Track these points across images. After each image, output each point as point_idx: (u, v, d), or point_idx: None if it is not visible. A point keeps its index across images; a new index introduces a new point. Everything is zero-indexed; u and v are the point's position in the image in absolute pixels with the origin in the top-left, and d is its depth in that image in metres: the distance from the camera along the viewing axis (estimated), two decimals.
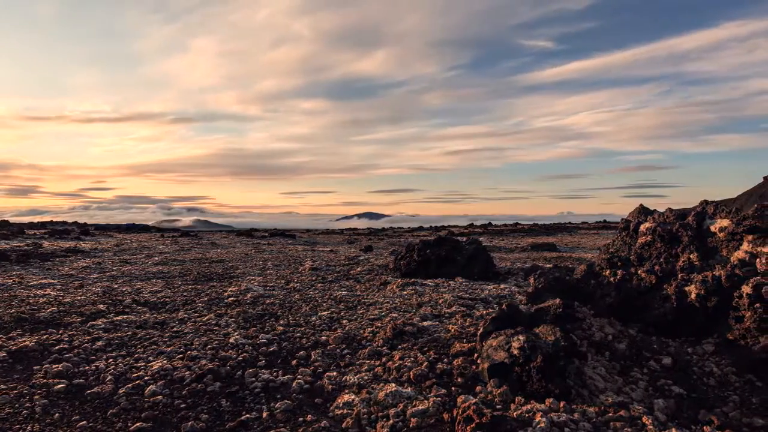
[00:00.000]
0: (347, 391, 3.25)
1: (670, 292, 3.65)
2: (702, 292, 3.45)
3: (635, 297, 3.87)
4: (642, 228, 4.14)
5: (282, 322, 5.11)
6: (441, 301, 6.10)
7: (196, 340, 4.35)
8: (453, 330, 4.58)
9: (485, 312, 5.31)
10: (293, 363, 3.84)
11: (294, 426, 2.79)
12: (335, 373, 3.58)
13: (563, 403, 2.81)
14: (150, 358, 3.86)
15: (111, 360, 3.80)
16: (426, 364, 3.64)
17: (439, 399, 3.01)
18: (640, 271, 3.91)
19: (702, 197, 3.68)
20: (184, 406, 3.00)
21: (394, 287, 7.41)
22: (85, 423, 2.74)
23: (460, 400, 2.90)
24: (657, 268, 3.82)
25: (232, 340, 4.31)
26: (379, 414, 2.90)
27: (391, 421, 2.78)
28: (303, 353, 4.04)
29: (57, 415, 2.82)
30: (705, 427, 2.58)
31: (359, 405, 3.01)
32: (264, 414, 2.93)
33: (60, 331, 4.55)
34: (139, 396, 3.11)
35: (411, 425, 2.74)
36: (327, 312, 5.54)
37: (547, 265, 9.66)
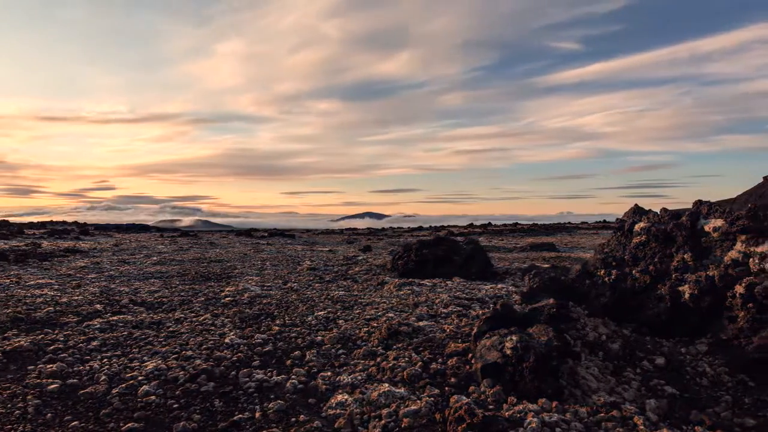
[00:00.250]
0: (341, 392, 3.25)
1: (664, 292, 3.65)
2: (695, 292, 3.45)
3: (630, 297, 3.87)
4: (636, 228, 4.13)
5: (278, 322, 5.11)
6: (437, 301, 6.11)
7: (191, 340, 4.35)
8: (448, 330, 4.58)
9: (481, 312, 5.31)
10: (288, 363, 3.84)
11: (286, 426, 2.79)
12: (329, 373, 3.58)
13: (555, 403, 2.81)
14: (145, 358, 3.86)
15: (106, 360, 3.80)
16: (420, 364, 3.64)
17: (432, 399, 3.01)
18: (634, 271, 3.91)
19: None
20: (176, 406, 3.00)
21: (391, 287, 7.41)
22: (77, 423, 2.75)
23: (452, 400, 2.90)
24: (651, 268, 3.82)
25: (227, 340, 4.32)
26: (372, 414, 2.90)
27: (383, 422, 2.78)
28: (298, 353, 4.04)
29: (49, 416, 2.82)
30: (696, 428, 2.58)
31: (352, 405, 3.01)
32: (257, 414, 2.93)
33: (56, 331, 4.55)
34: (132, 396, 3.11)
35: (403, 425, 2.74)
36: (323, 312, 5.55)
37: (545, 265, 9.66)
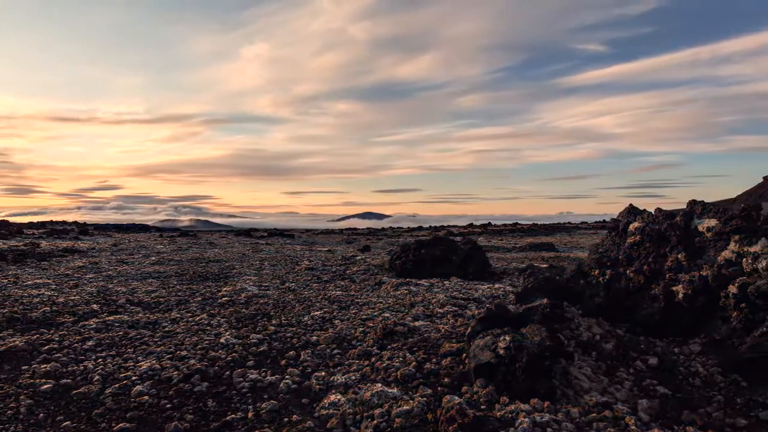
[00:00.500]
0: (334, 392, 3.25)
1: (658, 292, 3.65)
2: (689, 292, 3.45)
3: (624, 297, 3.87)
4: (631, 228, 4.13)
5: (274, 322, 5.11)
6: (434, 301, 6.11)
7: (187, 340, 4.35)
8: (443, 330, 4.58)
9: (477, 312, 5.31)
10: (282, 363, 3.85)
11: (279, 426, 2.80)
12: (323, 373, 3.58)
13: (547, 403, 2.81)
14: (139, 358, 3.86)
15: (100, 360, 3.80)
16: (414, 364, 3.64)
17: (424, 399, 3.01)
18: (628, 271, 3.90)
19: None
20: (169, 406, 3.00)
21: (388, 287, 7.41)
22: (69, 423, 2.75)
23: (445, 400, 2.90)
24: (645, 268, 3.82)
25: (222, 340, 4.32)
26: (365, 414, 2.90)
27: (376, 422, 2.78)
28: (293, 353, 4.05)
29: (41, 416, 2.83)
30: (688, 428, 2.58)
31: (345, 405, 3.01)
32: (250, 414, 2.93)
33: (51, 331, 4.55)
34: (126, 396, 3.11)
35: (395, 425, 2.75)
36: (320, 312, 5.55)
37: (544, 265, 9.66)
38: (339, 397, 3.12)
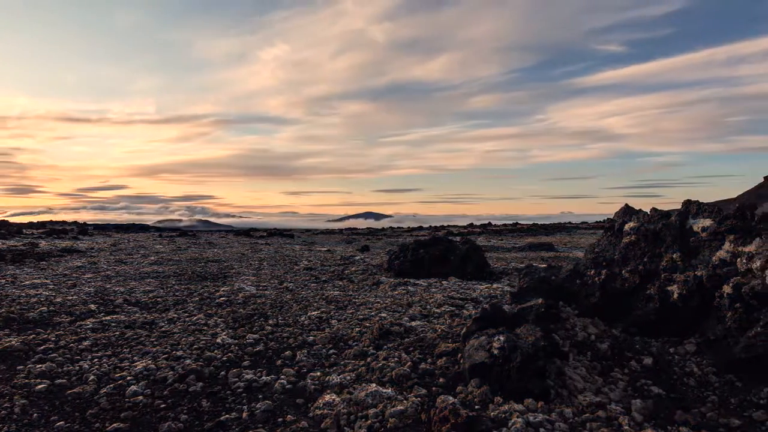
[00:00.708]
0: (329, 392, 3.25)
1: (653, 292, 3.64)
2: (684, 292, 3.45)
3: (619, 297, 3.87)
4: (627, 228, 4.13)
5: (271, 322, 5.11)
6: (431, 301, 6.11)
7: (183, 339, 4.35)
8: (440, 330, 4.58)
9: (474, 312, 5.31)
10: (278, 363, 3.85)
11: (273, 426, 2.80)
12: (319, 374, 3.58)
13: (541, 403, 2.81)
14: (135, 358, 3.86)
15: (96, 360, 3.80)
16: (409, 364, 3.64)
17: (419, 399, 3.01)
18: (624, 271, 3.90)
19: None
20: (164, 406, 3.00)
21: (386, 287, 7.41)
22: (63, 423, 2.75)
23: (439, 400, 2.90)
24: (641, 268, 3.81)
25: (218, 340, 4.32)
26: (359, 414, 2.90)
27: (369, 422, 2.78)
28: (289, 353, 4.05)
29: (35, 416, 2.83)
30: (681, 428, 2.58)
31: (340, 405, 3.01)
32: (244, 414, 2.93)
33: (48, 331, 4.56)
34: (120, 396, 3.12)
35: (389, 426, 2.75)
36: (317, 312, 5.55)
37: (542, 265, 9.66)
38: (334, 397, 3.12)
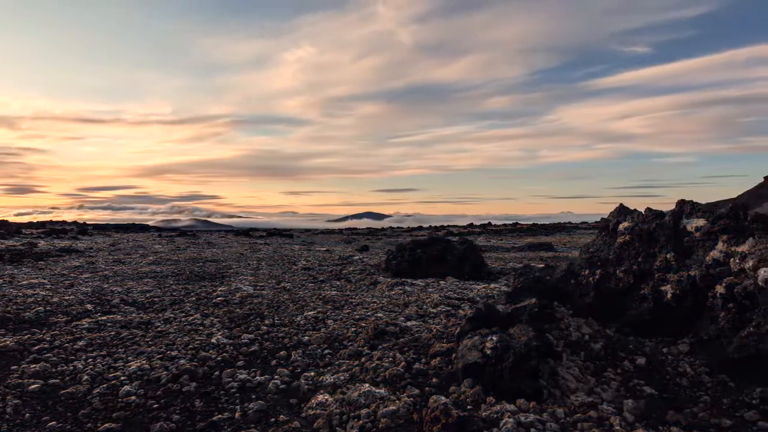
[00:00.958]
0: (322, 392, 3.25)
1: (647, 292, 3.64)
2: (677, 292, 3.45)
3: (614, 297, 3.87)
4: (621, 227, 4.13)
5: (267, 322, 5.12)
6: (428, 301, 6.11)
7: (178, 339, 4.36)
8: (435, 330, 4.58)
9: (470, 312, 5.31)
10: (273, 363, 3.85)
11: (265, 426, 2.80)
12: (313, 374, 3.58)
13: (533, 404, 2.81)
14: (130, 358, 3.86)
15: (90, 360, 3.81)
16: (403, 364, 3.64)
17: (411, 399, 3.01)
18: (618, 271, 3.90)
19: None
20: (156, 406, 3.01)
21: (383, 287, 7.41)
22: (55, 423, 2.75)
23: (431, 400, 2.90)
24: (635, 267, 3.81)
25: (213, 340, 4.32)
26: (351, 414, 2.90)
27: (361, 422, 2.78)
28: (284, 353, 4.05)
29: (27, 416, 2.83)
30: (672, 428, 2.57)
31: (332, 405, 3.01)
32: (237, 414, 2.93)
33: (43, 331, 4.56)
34: (113, 396, 3.12)
35: (380, 426, 2.74)
36: (313, 312, 5.55)
37: (541, 265, 9.65)
38: (327, 398, 3.12)
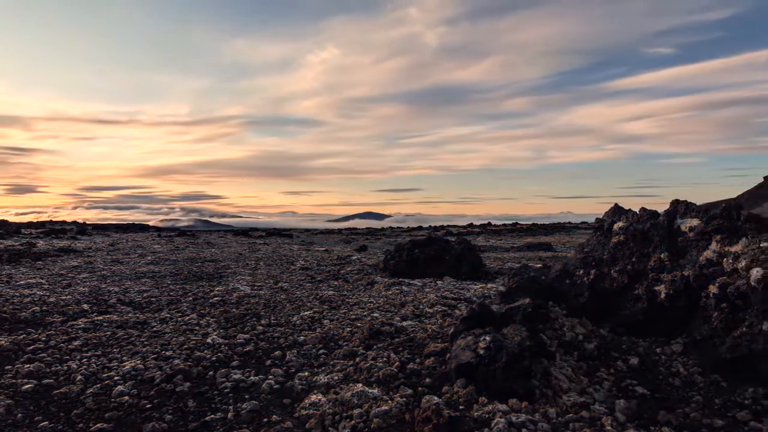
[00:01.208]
0: (316, 392, 3.25)
1: (641, 292, 3.64)
2: (671, 292, 3.45)
3: (608, 297, 3.87)
4: (615, 227, 4.13)
5: (263, 322, 5.12)
6: (424, 301, 6.11)
7: (173, 339, 4.36)
8: (431, 330, 4.58)
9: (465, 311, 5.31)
10: (267, 363, 3.85)
11: (258, 426, 2.80)
12: (307, 374, 3.59)
13: (525, 404, 2.81)
14: (124, 358, 3.87)
15: (85, 360, 3.81)
16: (397, 364, 3.64)
17: (404, 400, 3.01)
18: (612, 271, 3.90)
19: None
20: (149, 406, 3.01)
21: (380, 287, 7.41)
22: (47, 423, 2.75)
23: (424, 400, 2.90)
24: (629, 267, 3.81)
25: (209, 340, 4.32)
26: (344, 414, 2.90)
27: (354, 422, 2.78)
28: (279, 353, 4.05)
29: (20, 416, 2.83)
30: (663, 428, 2.57)
31: (325, 405, 3.02)
32: (229, 414, 2.93)
33: (38, 331, 4.56)
34: (106, 396, 3.12)
35: (372, 426, 2.75)
36: (309, 312, 5.55)
37: (539, 265, 9.65)
38: (320, 398, 3.12)
